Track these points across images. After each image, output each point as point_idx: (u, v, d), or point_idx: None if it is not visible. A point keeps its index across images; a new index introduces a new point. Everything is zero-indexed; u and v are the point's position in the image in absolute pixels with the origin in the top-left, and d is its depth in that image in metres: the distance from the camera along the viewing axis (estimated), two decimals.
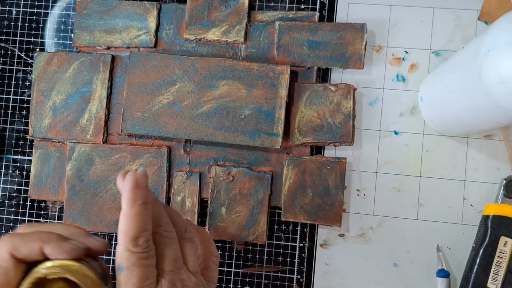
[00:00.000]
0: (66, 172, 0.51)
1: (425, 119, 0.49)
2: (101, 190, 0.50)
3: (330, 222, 0.49)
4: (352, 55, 0.50)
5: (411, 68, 0.50)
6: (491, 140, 0.49)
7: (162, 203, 0.34)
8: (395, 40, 0.51)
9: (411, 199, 0.49)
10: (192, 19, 0.51)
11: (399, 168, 0.50)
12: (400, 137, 0.50)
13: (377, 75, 0.51)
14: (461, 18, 0.50)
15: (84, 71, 0.51)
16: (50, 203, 0.52)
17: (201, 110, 0.49)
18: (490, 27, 0.34)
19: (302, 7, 0.52)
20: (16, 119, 0.53)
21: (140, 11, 0.52)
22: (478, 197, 0.49)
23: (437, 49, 0.50)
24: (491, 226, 0.45)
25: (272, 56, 0.51)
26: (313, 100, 0.49)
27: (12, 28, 0.54)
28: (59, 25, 0.53)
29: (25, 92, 0.53)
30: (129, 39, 0.52)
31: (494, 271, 0.45)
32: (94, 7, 0.52)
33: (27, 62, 0.53)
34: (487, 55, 0.33)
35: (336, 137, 0.49)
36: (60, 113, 0.51)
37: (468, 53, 0.38)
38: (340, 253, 0.49)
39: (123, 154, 0.50)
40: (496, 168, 0.49)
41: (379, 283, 0.49)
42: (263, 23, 0.51)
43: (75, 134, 0.51)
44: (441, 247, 0.48)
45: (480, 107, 0.37)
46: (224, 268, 0.50)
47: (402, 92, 0.50)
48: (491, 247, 0.45)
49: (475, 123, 0.41)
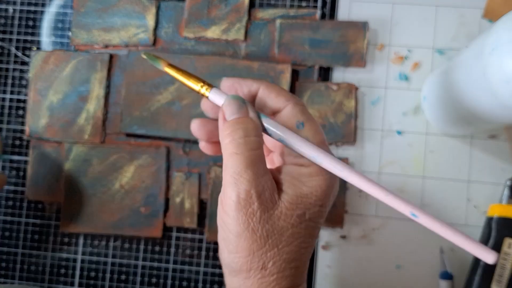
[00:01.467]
0: (63, 172, 0.50)
1: (429, 119, 0.49)
2: (99, 191, 0.50)
3: (332, 223, 0.48)
4: (354, 54, 0.49)
5: (414, 67, 0.50)
6: (495, 141, 0.48)
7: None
8: (398, 39, 0.50)
9: (414, 200, 0.49)
10: (191, 17, 0.51)
11: (402, 169, 0.49)
12: (403, 137, 0.49)
13: (380, 74, 0.50)
14: (464, 16, 0.49)
15: (82, 70, 0.51)
16: (47, 204, 0.51)
17: (200, 109, 0.48)
18: (495, 26, 0.33)
19: (303, 5, 0.51)
20: (13, 119, 0.52)
21: (138, 9, 0.51)
22: (482, 198, 0.48)
23: (441, 48, 0.50)
24: (495, 227, 0.45)
25: (272, 55, 0.50)
26: (314, 100, 0.49)
27: (8, 26, 0.53)
28: (57, 23, 0.53)
29: (22, 91, 0.52)
30: (128, 37, 0.51)
31: (498, 273, 0.44)
32: (92, 5, 0.52)
33: (24, 61, 0.53)
34: (491, 54, 0.33)
35: (338, 137, 0.48)
36: (58, 112, 0.51)
37: (472, 52, 0.37)
38: (342, 255, 0.49)
39: (121, 155, 0.50)
40: (501, 169, 0.48)
41: (382, 285, 0.48)
42: (264, 21, 0.51)
43: (73, 134, 0.51)
44: (444, 249, 0.48)
45: (484, 106, 0.36)
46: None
47: (405, 92, 0.50)
48: (495, 249, 0.44)
49: (480, 122, 0.41)
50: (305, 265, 0.28)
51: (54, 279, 0.51)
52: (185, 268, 0.50)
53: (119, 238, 0.51)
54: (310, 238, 0.27)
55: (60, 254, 0.51)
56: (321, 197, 0.27)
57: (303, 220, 0.27)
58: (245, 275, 0.26)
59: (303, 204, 0.27)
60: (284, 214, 0.26)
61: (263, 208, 0.26)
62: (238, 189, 0.26)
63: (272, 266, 0.26)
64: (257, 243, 0.26)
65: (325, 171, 0.27)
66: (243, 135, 0.27)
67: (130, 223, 0.49)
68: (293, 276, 0.27)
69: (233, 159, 0.26)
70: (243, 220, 0.26)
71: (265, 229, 0.26)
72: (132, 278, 0.50)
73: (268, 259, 0.26)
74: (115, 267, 0.50)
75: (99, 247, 0.51)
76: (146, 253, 0.50)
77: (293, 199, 0.26)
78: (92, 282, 0.50)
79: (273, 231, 0.26)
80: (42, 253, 0.51)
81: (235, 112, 0.27)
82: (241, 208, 0.26)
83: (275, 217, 0.26)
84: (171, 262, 0.50)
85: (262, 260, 0.26)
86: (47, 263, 0.51)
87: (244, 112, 0.27)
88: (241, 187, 0.26)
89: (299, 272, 0.27)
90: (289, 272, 0.26)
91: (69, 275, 0.51)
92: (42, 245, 0.51)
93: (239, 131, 0.27)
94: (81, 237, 0.51)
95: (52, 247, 0.51)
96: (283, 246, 0.26)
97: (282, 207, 0.26)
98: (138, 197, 0.49)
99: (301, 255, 0.27)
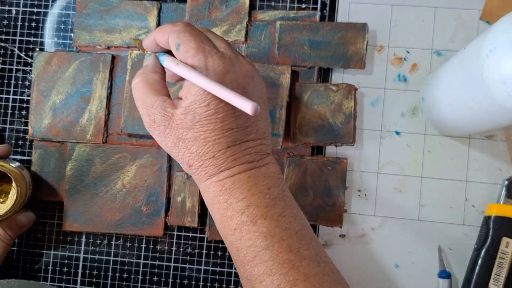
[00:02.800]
0: (66, 172, 0.51)
1: (427, 120, 0.49)
2: (101, 191, 0.50)
3: (331, 222, 0.48)
4: (353, 55, 0.50)
5: (412, 68, 0.50)
6: (493, 141, 0.49)
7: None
8: (397, 40, 0.50)
9: (413, 200, 0.49)
10: (192, 19, 0.51)
11: (400, 169, 0.49)
12: (401, 138, 0.50)
13: (379, 75, 0.50)
14: (462, 18, 0.50)
15: (84, 71, 0.51)
16: (50, 203, 0.52)
17: None
18: (492, 27, 0.34)
19: (303, 6, 0.51)
20: (16, 119, 0.53)
21: (140, 10, 0.52)
22: (480, 198, 0.48)
23: (439, 49, 0.50)
24: (493, 227, 0.45)
25: (273, 56, 0.51)
26: (314, 100, 0.49)
27: (11, 27, 0.53)
28: (59, 24, 0.53)
29: (24, 92, 0.53)
30: (130, 38, 0.51)
31: (495, 272, 0.44)
32: (94, 7, 0.52)
33: (27, 61, 0.53)
34: (489, 56, 0.33)
35: (337, 137, 0.49)
36: (60, 113, 0.51)
37: (469, 53, 0.38)
38: (341, 254, 0.49)
39: (123, 154, 0.50)
40: (498, 168, 0.48)
41: (380, 284, 0.49)
42: (264, 22, 0.51)
43: (75, 134, 0.51)
44: (442, 248, 0.48)
45: (481, 107, 0.37)
46: (224, 269, 0.50)
47: (404, 92, 0.50)
48: (492, 248, 0.45)
49: (477, 123, 0.41)
50: (224, 153, 0.34)
51: (56, 278, 0.51)
52: (186, 266, 0.50)
53: (121, 237, 0.51)
54: (211, 132, 0.33)
55: (63, 253, 0.51)
56: (203, 99, 0.33)
57: (195, 122, 0.33)
58: (190, 171, 0.35)
59: (192, 110, 0.33)
60: (180, 122, 0.33)
61: (164, 125, 0.34)
62: (144, 116, 0.35)
63: (194, 162, 0.34)
64: (175, 150, 0.34)
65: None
66: (143, 76, 0.36)
67: (132, 222, 0.50)
68: (212, 165, 0.34)
69: (137, 93, 0.36)
70: (158, 138, 0.35)
71: (172, 139, 0.34)
72: (134, 276, 0.51)
73: (187, 158, 0.34)
74: (117, 265, 0.51)
75: (101, 246, 0.51)
76: (148, 252, 0.51)
77: (183, 109, 0.33)
78: (94, 281, 0.51)
79: (178, 138, 0.34)
80: (44, 252, 0.52)
81: (145, 63, 0.38)
82: (152, 130, 0.35)
83: (174, 127, 0.34)
84: (172, 261, 0.50)
85: (186, 160, 0.34)
86: (49, 262, 0.51)
87: (149, 60, 0.38)
88: (145, 113, 0.35)
89: (217, 161, 0.34)
90: (208, 163, 0.34)
91: (71, 274, 0.51)
92: (44, 244, 0.52)
93: (139, 75, 0.37)
94: (83, 236, 0.51)
95: (55, 246, 0.51)
96: (191, 145, 0.34)
97: (176, 118, 0.33)
98: (139, 197, 0.50)
99: (210, 147, 0.33)
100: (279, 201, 0.34)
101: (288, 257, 0.31)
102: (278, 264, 0.31)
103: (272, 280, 0.31)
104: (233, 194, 0.33)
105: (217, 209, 0.34)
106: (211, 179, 0.34)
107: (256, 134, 0.35)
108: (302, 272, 0.31)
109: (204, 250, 0.50)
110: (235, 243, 0.33)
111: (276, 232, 0.32)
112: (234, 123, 0.33)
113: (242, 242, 0.33)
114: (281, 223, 0.33)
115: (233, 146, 0.34)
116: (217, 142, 0.33)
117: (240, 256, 0.33)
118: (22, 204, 0.47)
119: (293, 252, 0.32)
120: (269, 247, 0.32)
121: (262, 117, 0.36)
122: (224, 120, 0.33)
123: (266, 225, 0.32)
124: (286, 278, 0.31)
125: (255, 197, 0.33)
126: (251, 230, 0.32)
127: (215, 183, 0.34)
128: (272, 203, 0.33)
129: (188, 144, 0.34)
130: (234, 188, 0.33)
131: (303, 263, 0.31)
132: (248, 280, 0.33)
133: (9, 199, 0.46)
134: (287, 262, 0.31)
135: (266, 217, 0.32)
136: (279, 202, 0.34)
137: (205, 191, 0.35)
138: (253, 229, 0.32)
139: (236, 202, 0.33)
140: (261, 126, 0.35)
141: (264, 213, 0.33)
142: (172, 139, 0.34)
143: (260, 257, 0.32)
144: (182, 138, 0.34)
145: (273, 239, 0.32)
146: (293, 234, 0.32)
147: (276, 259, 0.31)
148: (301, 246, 0.32)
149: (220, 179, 0.34)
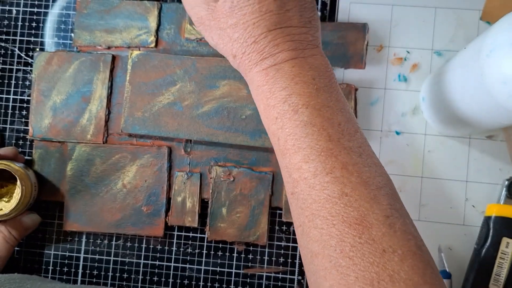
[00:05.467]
0: (66, 172, 0.51)
1: (427, 120, 0.49)
2: (101, 191, 0.50)
3: None
4: (353, 55, 0.50)
5: (413, 68, 0.50)
6: (493, 141, 0.49)
7: None
8: (397, 40, 0.50)
9: (413, 200, 0.49)
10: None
11: (400, 169, 0.49)
12: (402, 138, 0.50)
13: (379, 75, 0.50)
14: (463, 18, 0.50)
15: (85, 71, 0.51)
16: (50, 203, 0.52)
17: (201, 110, 0.49)
18: (493, 27, 0.34)
19: None
20: (16, 119, 0.53)
21: (140, 10, 0.52)
22: (480, 198, 0.48)
23: (439, 49, 0.50)
24: (493, 227, 0.45)
25: None
26: None
27: (12, 27, 0.53)
28: (59, 24, 0.53)
29: (25, 92, 0.53)
30: (130, 38, 0.52)
31: (496, 272, 0.44)
32: (94, 7, 0.52)
33: (27, 61, 0.53)
34: (489, 56, 0.33)
35: None
36: (60, 113, 0.51)
37: (470, 53, 0.38)
38: None
39: (123, 154, 0.50)
40: (499, 169, 0.48)
41: None
42: None
43: (76, 134, 0.51)
44: (442, 248, 0.48)
45: (482, 107, 0.37)
46: (224, 269, 0.50)
47: (404, 92, 0.50)
48: (493, 248, 0.45)
49: (477, 123, 0.41)
50: (265, 37, 0.33)
51: (56, 278, 0.51)
52: (186, 266, 0.50)
53: (121, 237, 0.51)
54: (250, 15, 0.33)
55: (63, 252, 0.51)
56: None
57: (233, 7, 0.33)
58: (235, 62, 0.35)
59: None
60: (221, 11, 0.34)
61: (209, 19, 0.35)
62: (193, 17, 0.36)
63: (238, 50, 0.34)
64: (221, 42, 0.35)
65: None
66: None
67: (132, 222, 0.50)
68: (255, 51, 0.34)
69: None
70: (206, 34, 0.36)
71: (216, 31, 0.35)
72: (134, 276, 0.51)
73: (230, 48, 0.35)
74: (117, 265, 0.51)
75: (101, 245, 0.51)
76: (148, 252, 0.51)
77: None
78: (94, 281, 0.51)
79: (221, 28, 0.34)
80: (45, 252, 0.52)
81: None
82: (201, 28, 0.36)
83: (216, 18, 0.34)
84: (173, 261, 0.50)
85: (229, 50, 0.35)
86: (50, 262, 0.51)
87: None
88: (193, 14, 0.36)
89: (258, 46, 0.33)
90: (250, 49, 0.34)
91: (71, 274, 0.51)
92: (45, 244, 0.52)
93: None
94: (83, 236, 0.51)
95: (55, 246, 0.52)
96: (233, 33, 0.34)
97: (218, 9, 0.34)
98: (140, 197, 0.50)
99: (250, 31, 0.33)
100: (323, 92, 0.33)
101: (327, 145, 0.31)
102: (316, 152, 0.31)
103: (309, 167, 0.31)
104: (276, 83, 0.33)
105: (261, 99, 0.34)
106: (255, 69, 0.34)
107: (299, 21, 0.34)
108: (341, 161, 0.30)
109: (204, 250, 0.50)
110: (276, 132, 0.33)
111: (317, 121, 0.32)
112: (273, 5, 0.33)
113: (282, 131, 0.32)
114: (323, 113, 0.32)
115: (274, 30, 0.33)
116: (256, 25, 0.33)
117: (280, 146, 0.33)
118: (27, 204, 0.47)
119: (333, 142, 0.31)
120: (308, 135, 0.31)
121: (307, 4, 0.35)
122: (261, 1, 0.33)
123: (307, 114, 0.32)
124: (323, 166, 0.30)
125: (298, 86, 0.32)
126: (292, 118, 0.32)
127: (259, 73, 0.34)
128: (316, 93, 0.32)
129: (230, 32, 0.34)
130: (278, 77, 0.33)
131: (343, 152, 0.31)
132: (286, 169, 0.33)
133: (14, 198, 0.46)
134: (326, 150, 0.31)
135: (308, 106, 0.32)
136: (323, 93, 0.33)
137: (251, 83, 0.35)
138: (294, 117, 0.32)
139: (279, 91, 0.33)
140: (306, 15, 0.34)
141: (306, 102, 0.32)
142: (216, 31, 0.34)
143: (299, 145, 0.32)
144: (224, 27, 0.34)
145: (313, 127, 0.31)
146: (335, 125, 0.32)
147: (314, 147, 0.31)
148: (342, 137, 0.31)
149: (263, 68, 0.33)
